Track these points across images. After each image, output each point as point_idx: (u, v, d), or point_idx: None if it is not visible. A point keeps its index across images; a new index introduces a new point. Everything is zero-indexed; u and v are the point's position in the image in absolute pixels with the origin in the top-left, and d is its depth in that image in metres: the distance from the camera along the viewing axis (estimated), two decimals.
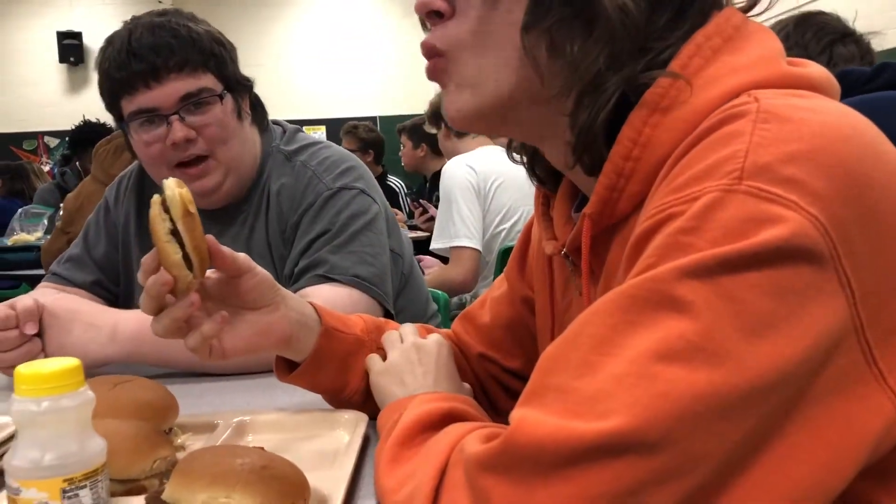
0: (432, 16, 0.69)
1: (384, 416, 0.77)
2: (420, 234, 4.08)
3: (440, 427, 0.65)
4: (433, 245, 2.68)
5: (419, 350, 0.89)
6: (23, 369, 0.58)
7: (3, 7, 10.04)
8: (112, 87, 1.31)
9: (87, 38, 10.06)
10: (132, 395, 0.84)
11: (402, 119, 5.30)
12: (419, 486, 0.57)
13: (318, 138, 1.50)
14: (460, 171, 2.63)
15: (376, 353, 0.93)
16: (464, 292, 2.68)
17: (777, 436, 0.48)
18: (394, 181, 5.46)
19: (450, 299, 2.46)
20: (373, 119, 9.59)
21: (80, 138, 4.33)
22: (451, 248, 2.60)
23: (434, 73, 0.71)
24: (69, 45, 10.00)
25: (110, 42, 1.31)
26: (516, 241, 0.98)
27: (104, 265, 1.47)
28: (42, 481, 0.57)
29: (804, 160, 0.50)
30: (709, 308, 0.48)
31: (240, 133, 1.36)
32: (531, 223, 0.94)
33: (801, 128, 0.52)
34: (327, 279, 1.28)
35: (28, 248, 4.12)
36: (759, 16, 0.68)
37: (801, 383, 0.48)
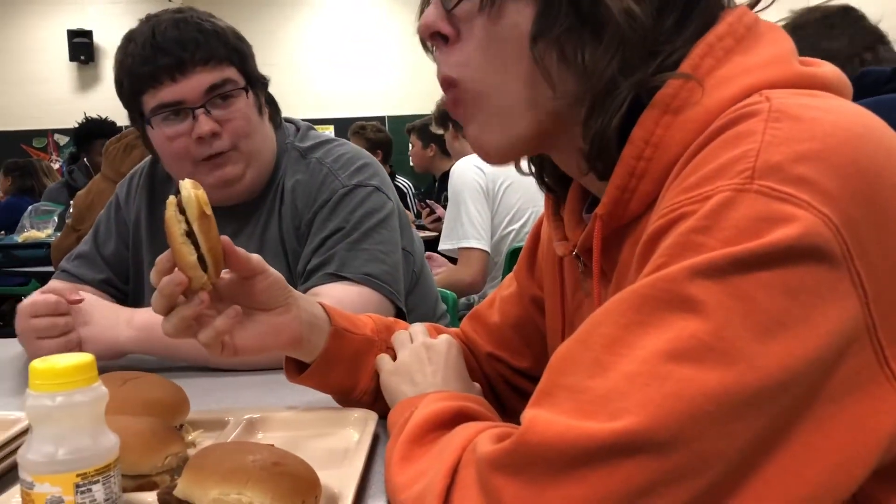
0: (437, 38, 0.69)
1: (395, 413, 0.77)
2: (427, 233, 4.08)
3: (451, 426, 0.65)
4: (442, 246, 2.68)
5: (429, 349, 0.89)
6: (37, 364, 0.58)
7: (15, 5, 10.09)
8: (134, 83, 1.30)
9: (97, 37, 10.10)
10: (144, 391, 0.85)
11: (411, 119, 5.31)
12: (431, 485, 0.57)
13: (331, 136, 1.51)
14: (469, 173, 2.63)
15: (386, 353, 0.93)
16: (472, 293, 2.68)
17: (789, 436, 0.48)
18: (402, 181, 5.46)
19: (458, 299, 2.47)
20: (381, 119, 9.60)
21: (84, 134, 4.35)
22: (460, 249, 2.61)
23: (454, 107, 0.70)
24: (80, 44, 10.04)
25: (131, 38, 1.30)
26: (524, 241, 0.98)
27: (114, 263, 1.48)
28: (55, 476, 0.57)
29: (816, 160, 0.50)
30: (720, 308, 0.48)
31: (261, 128, 1.37)
32: (541, 222, 0.93)
33: (813, 127, 0.52)
34: (338, 277, 1.28)
35: (38, 244, 4.14)
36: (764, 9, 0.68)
37: (812, 383, 0.48)
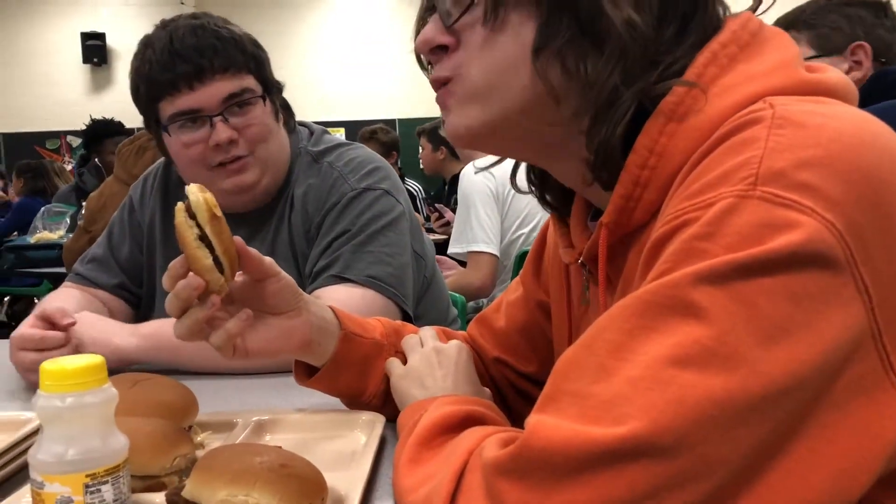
0: (436, 52, 0.69)
1: (405, 416, 0.78)
2: (436, 237, 4.09)
3: (460, 429, 0.65)
4: (451, 249, 2.69)
5: (439, 354, 0.89)
6: (48, 366, 0.59)
7: (30, 7, 10.16)
8: (152, 90, 1.30)
9: (110, 39, 10.16)
10: (153, 393, 0.85)
11: (421, 121, 5.32)
12: (437, 488, 0.57)
13: (344, 140, 1.52)
14: (478, 177, 2.63)
15: (395, 356, 0.94)
16: (482, 297, 2.68)
17: (793, 441, 0.48)
18: (412, 184, 5.47)
19: (467, 303, 2.47)
20: (391, 121, 9.61)
21: (93, 135, 4.40)
22: (469, 252, 2.61)
23: (443, 98, 0.71)
24: (93, 46, 10.11)
25: (149, 44, 1.30)
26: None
27: (128, 267, 1.48)
28: (65, 476, 0.58)
29: (820, 166, 0.50)
30: (724, 313, 0.48)
31: (277, 134, 1.38)
32: (547, 227, 0.94)
33: (816, 133, 0.52)
34: (342, 279, 1.28)
35: (50, 245, 4.17)
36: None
37: (817, 389, 0.48)
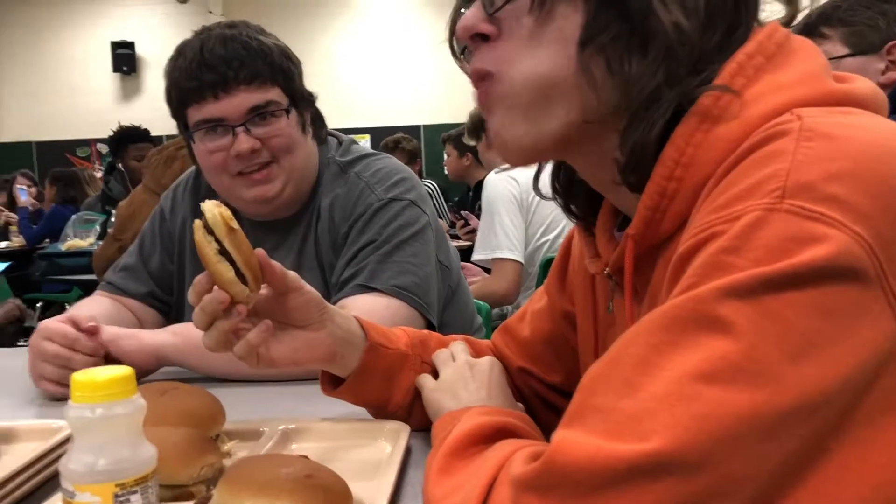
0: (476, 40, 0.68)
1: (438, 426, 0.77)
2: (461, 243, 4.09)
3: (492, 441, 0.65)
4: (475, 256, 2.69)
5: (472, 367, 0.90)
6: (78, 377, 0.60)
7: (61, 17, 10.35)
8: (180, 96, 1.33)
9: (139, 48, 10.31)
10: (180, 402, 0.86)
11: (445, 127, 5.34)
12: (466, 499, 0.57)
13: (371, 150, 1.52)
14: (503, 183, 2.63)
15: (421, 367, 0.94)
16: (506, 304, 2.68)
17: (823, 457, 0.48)
18: (427, 183, 5.47)
19: (491, 310, 2.46)
20: (416, 128, 9.64)
21: (117, 141, 4.46)
22: (494, 259, 2.61)
23: (485, 98, 0.69)
24: (122, 55, 10.26)
25: (181, 52, 1.33)
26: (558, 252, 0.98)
27: (158, 276, 1.50)
28: (96, 485, 0.58)
29: (848, 178, 0.50)
30: (751, 328, 0.48)
31: (303, 145, 1.38)
32: (571, 236, 0.93)
33: (845, 145, 0.52)
34: (368, 289, 1.29)
35: (81, 253, 4.24)
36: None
37: (847, 404, 0.48)
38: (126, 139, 4.40)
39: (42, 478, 0.81)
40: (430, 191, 5.43)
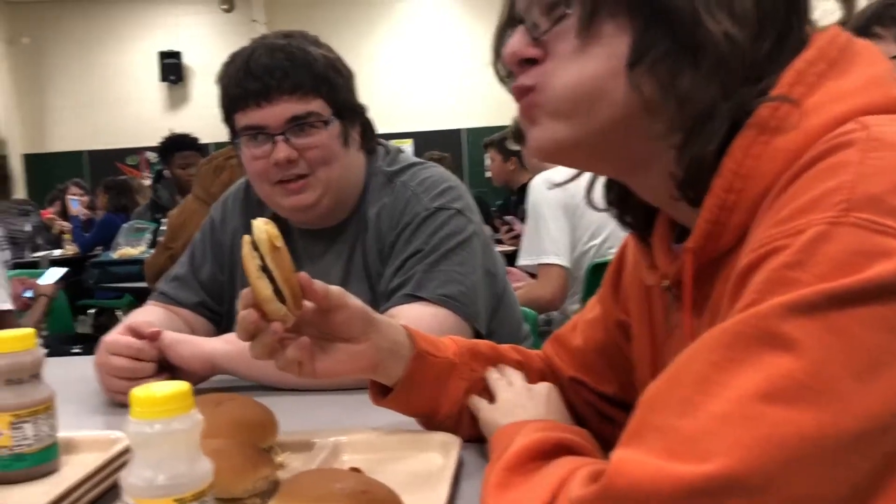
0: (523, 65, 0.68)
1: (496, 438, 0.77)
2: (505, 248, 4.07)
3: (551, 457, 0.64)
4: (520, 261, 2.66)
5: (530, 391, 0.90)
6: (137, 392, 0.61)
7: (111, 29, 10.61)
8: (228, 102, 1.36)
9: (185, 58, 10.51)
10: (235, 413, 0.87)
11: (487, 131, 5.35)
12: None
13: (418, 159, 1.53)
14: (546, 189, 2.61)
15: (469, 375, 0.94)
16: (551, 310, 2.65)
17: (893, 482, 0.46)
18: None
19: (537, 316, 2.44)
20: (458, 132, 9.66)
21: (164, 148, 4.55)
22: (539, 265, 2.58)
23: (526, 109, 0.69)
24: (169, 65, 10.48)
25: (233, 59, 1.36)
26: (606, 258, 0.96)
27: (209, 286, 1.51)
28: (155, 500, 0.59)
29: None
30: (816, 345, 0.47)
31: (343, 158, 1.39)
32: (626, 245, 0.92)
33: None
34: (415, 298, 1.29)
35: (132, 261, 4.33)
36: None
37: None
38: (172, 147, 4.48)
39: (101, 489, 0.83)
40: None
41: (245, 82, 1.31)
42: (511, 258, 3.01)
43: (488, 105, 9.53)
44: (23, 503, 0.78)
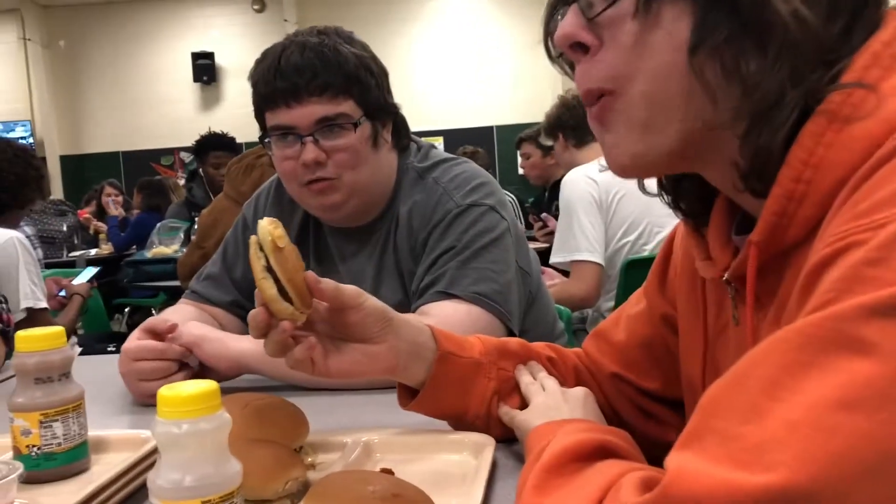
0: (576, 49, 0.65)
1: (532, 437, 0.74)
2: (537, 245, 4.03)
3: (592, 459, 0.62)
4: (553, 259, 2.62)
5: (565, 394, 0.87)
6: (164, 392, 0.59)
7: (144, 31, 10.74)
8: (259, 101, 1.35)
9: (218, 58, 10.61)
10: (265, 414, 0.86)
11: (518, 127, 5.31)
12: None
13: (450, 154, 1.50)
14: (581, 183, 2.56)
15: (497, 374, 0.92)
16: (585, 307, 2.61)
17: None
18: (507, 195, 5.43)
19: (571, 314, 2.41)
20: (489, 128, 9.64)
21: (201, 145, 4.58)
22: (572, 262, 2.54)
23: (601, 113, 0.66)
24: (202, 65, 10.58)
25: (265, 57, 1.34)
26: (641, 254, 0.94)
27: (242, 285, 1.50)
28: (182, 502, 0.58)
29: None
30: None
31: (372, 159, 1.37)
32: (672, 236, 0.89)
33: None
34: (448, 295, 1.27)
35: (166, 260, 4.36)
36: None
37: None
38: (207, 146, 4.52)
39: (131, 489, 0.82)
40: (511, 201, 5.37)
41: (275, 81, 1.30)
42: (544, 255, 2.97)
43: (519, 102, 9.50)
44: (52, 503, 0.77)
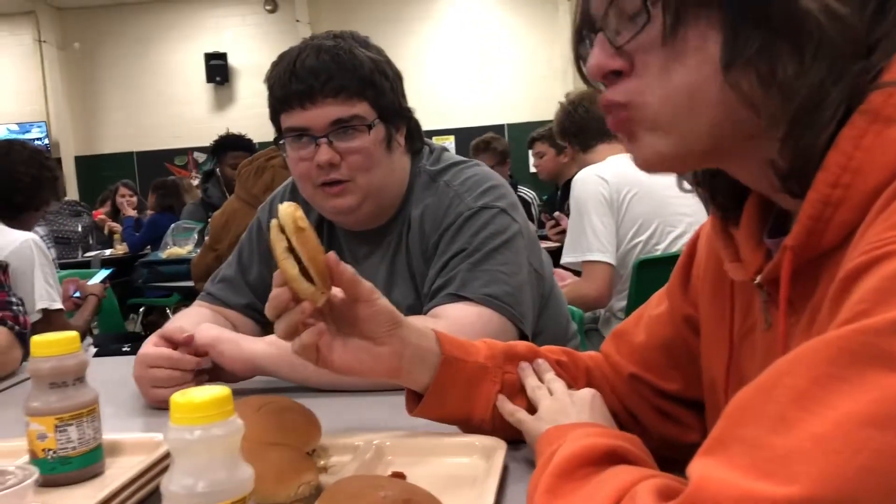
0: (609, 77, 0.65)
1: (543, 440, 0.74)
2: (549, 244, 4.02)
3: (603, 464, 0.62)
4: (564, 259, 2.61)
5: (572, 396, 0.87)
6: (177, 398, 0.60)
7: (158, 32, 10.79)
8: (274, 103, 1.36)
9: (231, 59, 10.65)
10: (277, 417, 0.86)
11: (529, 126, 5.29)
12: None
13: (462, 157, 1.50)
14: (591, 183, 2.54)
15: (503, 378, 0.92)
16: (597, 307, 2.60)
17: None
18: (525, 192, 5.43)
19: (584, 315, 2.40)
20: (501, 127, 9.62)
21: (219, 145, 4.59)
22: (584, 262, 2.53)
23: (619, 125, 0.66)
24: (215, 66, 10.62)
25: (281, 59, 1.35)
26: (653, 254, 0.93)
27: (257, 288, 1.51)
28: None
29: None
30: None
31: (386, 162, 1.37)
32: (696, 237, 0.88)
33: None
34: (459, 297, 1.27)
35: (180, 261, 4.39)
36: None
37: None
38: (225, 147, 4.53)
39: (146, 492, 0.83)
40: (529, 200, 5.37)
41: (290, 84, 1.31)
42: (556, 255, 2.96)
43: (530, 100, 9.49)
44: None
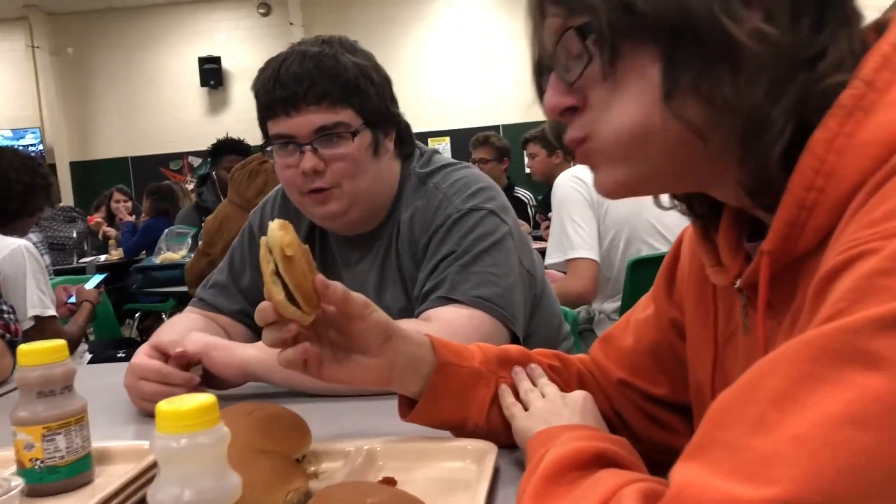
0: (566, 114, 0.67)
1: (533, 443, 0.74)
2: (543, 245, 4.02)
3: (591, 468, 0.62)
4: (548, 260, 2.60)
5: (564, 398, 0.87)
6: (163, 406, 0.60)
7: (152, 38, 10.79)
8: (260, 110, 1.36)
9: (225, 63, 10.64)
10: (266, 424, 0.85)
11: (524, 126, 5.29)
12: None
13: (452, 160, 1.50)
14: (569, 186, 2.57)
15: (497, 383, 0.92)
16: (584, 303, 2.60)
17: None
18: (522, 193, 5.43)
19: (577, 316, 2.40)
20: (496, 128, 9.62)
21: (216, 149, 4.59)
22: (568, 261, 2.54)
23: (582, 158, 0.68)
24: (209, 70, 10.61)
25: (267, 66, 1.35)
26: (638, 253, 0.93)
27: (249, 294, 1.50)
28: None
29: None
30: None
31: (372, 168, 1.37)
32: (680, 241, 0.89)
33: None
34: (449, 300, 1.27)
35: (174, 266, 4.38)
36: None
37: None
38: (221, 150, 4.52)
39: (134, 501, 0.82)
40: (525, 200, 5.37)
41: (275, 91, 1.30)
42: None
43: (524, 101, 9.47)
44: None
